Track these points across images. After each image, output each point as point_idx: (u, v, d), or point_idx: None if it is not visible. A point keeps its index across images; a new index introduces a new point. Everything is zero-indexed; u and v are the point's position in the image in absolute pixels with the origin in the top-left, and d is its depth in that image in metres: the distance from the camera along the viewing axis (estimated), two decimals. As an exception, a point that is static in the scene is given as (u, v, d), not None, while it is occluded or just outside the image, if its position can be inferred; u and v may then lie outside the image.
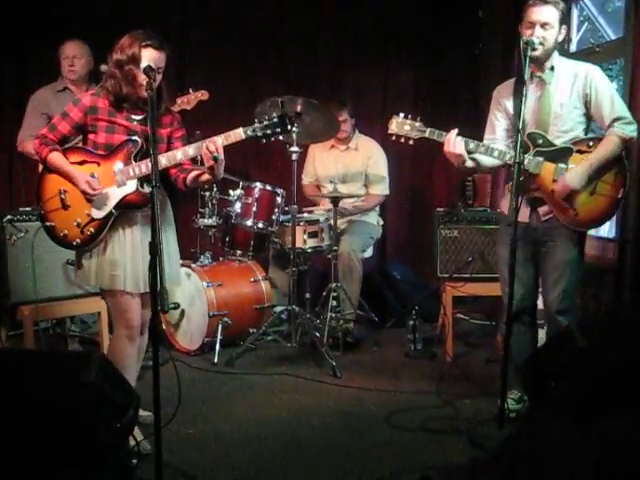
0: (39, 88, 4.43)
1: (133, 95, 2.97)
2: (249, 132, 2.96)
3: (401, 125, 3.34)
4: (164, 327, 4.56)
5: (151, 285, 2.44)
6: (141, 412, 3.11)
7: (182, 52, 5.46)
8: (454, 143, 3.25)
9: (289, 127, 3.01)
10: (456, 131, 3.27)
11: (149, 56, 2.91)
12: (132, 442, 2.70)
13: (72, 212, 3.01)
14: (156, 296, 2.43)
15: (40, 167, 3.12)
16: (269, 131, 2.96)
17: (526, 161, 3.23)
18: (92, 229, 2.98)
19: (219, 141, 2.93)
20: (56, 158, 2.99)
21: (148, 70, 2.77)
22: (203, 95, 4.52)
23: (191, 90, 4.50)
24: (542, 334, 3.80)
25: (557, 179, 3.28)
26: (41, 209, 3.08)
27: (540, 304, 3.60)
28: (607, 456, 2.28)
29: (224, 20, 5.51)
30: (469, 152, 3.30)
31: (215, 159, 2.91)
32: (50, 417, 2.05)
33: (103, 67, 4.27)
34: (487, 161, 3.43)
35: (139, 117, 3.03)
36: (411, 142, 3.36)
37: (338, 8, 5.70)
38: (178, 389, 2.85)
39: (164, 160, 2.97)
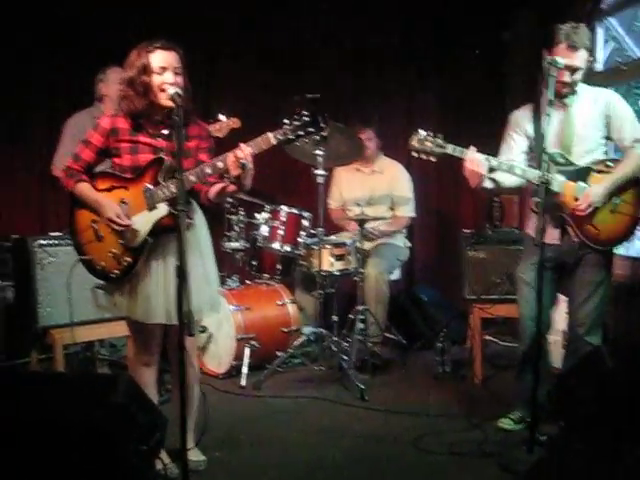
0: (74, 112, 4.45)
1: (148, 109, 2.83)
2: (279, 136, 2.73)
3: (422, 142, 3.29)
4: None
5: (177, 308, 2.43)
6: (193, 458, 3.07)
7: (208, 81, 5.53)
8: (475, 161, 3.22)
9: (322, 125, 2.76)
10: (474, 149, 3.24)
11: (159, 58, 2.78)
12: (160, 465, 2.72)
13: (106, 243, 2.88)
14: (182, 320, 2.42)
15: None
16: (301, 132, 2.71)
17: (548, 179, 3.21)
18: (129, 259, 2.84)
19: (248, 149, 2.72)
20: (82, 189, 2.89)
21: (175, 97, 2.67)
22: (235, 123, 4.47)
23: (223, 117, 4.47)
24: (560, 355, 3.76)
25: (579, 197, 3.27)
26: (76, 242, 2.97)
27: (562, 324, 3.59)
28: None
29: (249, 49, 5.58)
30: (490, 170, 3.28)
31: (243, 167, 2.71)
32: (78, 438, 2.07)
33: None
34: (507, 182, 3.42)
35: (163, 132, 2.88)
36: (433, 159, 3.31)
37: (359, 30, 5.74)
38: (203, 412, 2.86)
39: (193, 178, 2.78)
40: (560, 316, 3.98)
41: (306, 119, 2.71)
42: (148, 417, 2.26)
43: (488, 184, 3.36)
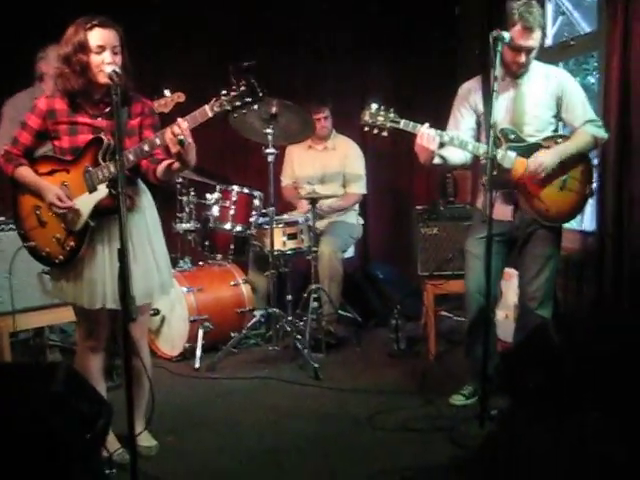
0: (14, 94, 4.34)
1: (86, 87, 2.74)
2: (216, 108, 2.64)
3: (375, 115, 3.24)
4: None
5: (120, 293, 2.37)
6: (144, 443, 3.07)
7: (157, 55, 5.42)
8: (428, 137, 3.19)
9: (260, 93, 2.65)
10: (427, 125, 3.22)
11: (98, 36, 2.68)
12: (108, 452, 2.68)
13: (49, 228, 2.82)
14: (125, 305, 2.37)
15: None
16: (238, 102, 2.63)
17: (499, 156, 3.23)
18: (72, 242, 2.79)
19: (184, 124, 2.63)
20: (22, 173, 2.82)
21: (113, 75, 2.55)
22: (180, 97, 4.42)
23: (168, 92, 4.41)
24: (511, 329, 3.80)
25: (527, 165, 3.28)
26: (20, 229, 2.91)
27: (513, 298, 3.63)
28: (583, 451, 2.27)
29: (199, 21, 5.47)
30: (440, 146, 3.27)
31: (181, 143, 2.62)
32: (14, 430, 2.01)
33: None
34: (455, 158, 3.42)
35: (104, 112, 2.78)
36: (385, 133, 3.26)
37: (314, 8, 5.67)
38: (152, 396, 2.82)
39: (131, 156, 2.70)
40: (512, 290, 4.03)
41: (243, 89, 2.63)
42: (90, 404, 2.21)
43: (437, 160, 3.35)
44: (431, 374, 4.03)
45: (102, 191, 2.76)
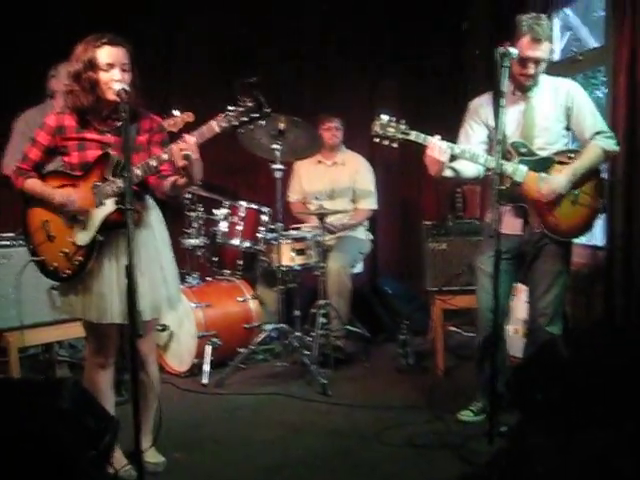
0: (25, 110, 4.37)
1: (95, 105, 2.78)
2: (223, 123, 2.70)
3: (385, 127, 3.22)
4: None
5: (128, 309, 2.38)
6: (151, 459, 3.06)
7: (167, 72, 5.46)
8: (439, 148, 3.18)
9: (266, 109, 2.70)
10: (438, 137, 3.21)
11: (107, 54, 2.71)
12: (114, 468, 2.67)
13: (58, 243, 2.85)
14: (133, 321, 2.38)
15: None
16: (245, 118, 2.68)
17: (510, 169, 3.23)
18: (80, 257, 2.80)
19: (191, 139, 2.70)
20: (31, 185, 2.86)
21: (122, 93, 2.61)
22: (189, 117, 4.43)
23: (177, 112, 4.44)
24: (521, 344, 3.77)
25: (540, 187, 3.27)
26: (29, 244, 2.94)
27: (522, 313, 3.60)
28: (593, 467, 2.25)
29: (207, 39, 5.52)
30: (452, 158, 3.26)
31: (187, 157, 2.68)
32: (21, 446, 2.01)
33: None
34: (466, 171, 3.41)
35: (112, 127, 2.82)
36: (395, 145, 3.25)
37: (322, 25, 5.71)
38: (159, 412, 2.82)
39: (139, 172, 2.73)
40: (520, 305, 4.01)
41: (250, 104, 2.68)
42: (97, 421, 2.21)
43: (448, 173, 3.33)
44: (439, 389, 4.01)
45: (110, 206, 2.79)
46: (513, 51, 3.17)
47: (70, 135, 2.83)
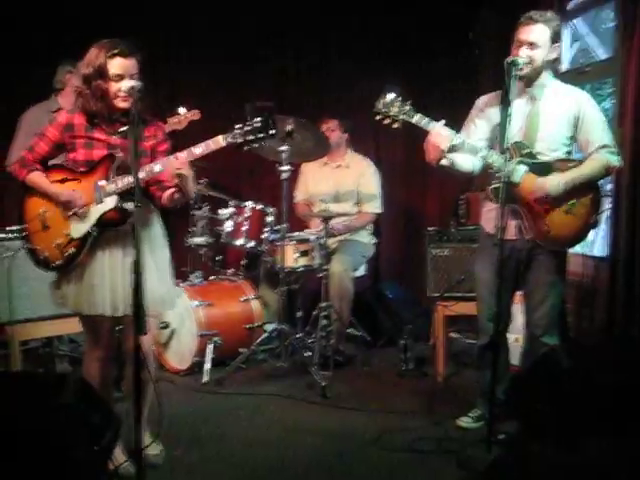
0: (30, 107, 4.39)
1: (104, 110, 2.87)
2: (229, 139, 2.81)
3: (389, 105, 3.18)
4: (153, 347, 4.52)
5: (133, 307, 2.40)
6: (151, 451, 3.08)
7: (173, 73, 5.48)
8: (440, 135, 3.16)
9: (273, 131, 2.83)
10: (443, 122, 3.19)
11: (117, 65, 2.80)
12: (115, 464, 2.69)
13: (52, 233, 2.93)
14: (137, 318, 2.39)
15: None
16: (251, 137, 2.81)
17: (510, 167, 3.18)
18: (72, 249, 2.89)
19: (182, 156, 2.82)
20: (34, 178, 2.93)
21: (132, 92, 2.68)
22: (194, 115, 4.48)
23: (183, 110, 4.47)
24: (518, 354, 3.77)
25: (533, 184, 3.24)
26: (24, 231, 3.01)
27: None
28: (592, 478, 2.26)
29: (213, 40, 5.52)
30: (452, 148, 3.22)
31: (179, 176, 2.80)
32: (24, 441, 2.02)
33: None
34: (463, 164, 3.36)
35: (119, 130, 2.90)
36: (396, 125, 3.21)
37: (327, 28, 5.72)
38: (160, 410, 2.83)
39: (142, 174, 2.79)
40: (521, 313, 4.00)
41: (257, 125, 2.80)
42: (99, 416, 2.22)
43: (445, 162, 3.27)
44: (439, 395, 4.01)
45: (108, 203, 2.88)
46: (520, 60, 3.18)
47: (79, 133, 2.90)
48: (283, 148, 4.34)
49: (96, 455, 2.20)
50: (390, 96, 3.20)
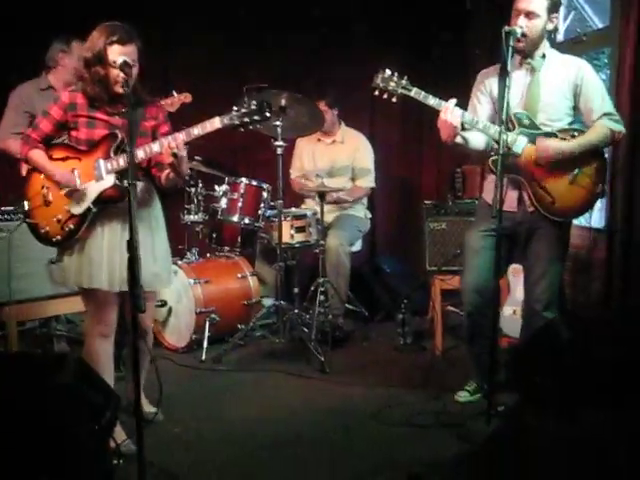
0: (19, 84, 4.34)
1: (104, 95, 2.93)
2: (225, 120, 2.90)
3: (387, 80, 3.23)
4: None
5: (129, 285, 2.40)
6: (149, 409, 3.21)
7: (165, 51, 5.41)
8: (452, 112, 3.16)
9: (268, 114, 2.93)
10: (454, 101, 3.19)
11: (117, 52, 2.84)
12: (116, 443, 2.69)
13: (53, 208, 2.99)
14: (134, 296, 2.39)
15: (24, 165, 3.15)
16: (247, 119, 2.90)
17: (509, 139, 3.18)
18: (71, 225, 2.95)
19: (180, 137, 2.90)
20: (35, 155, 2.99)
21: (124, 66, 2.73)
22: (186, 98, 4.48)
23: (175, 93, 4.46)
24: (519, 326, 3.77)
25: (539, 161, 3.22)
26: (25, 206, 3.06)
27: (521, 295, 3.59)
28: (591, 450, 2.26)
29: (207, 18, 5.45)
30: (462, 127, 3.23)
31: (174, 155, 2.87)
32: (23, 421, 2.01)
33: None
34: (475, 142, 3.37)
35: (120, 110, 2.96)
36: (394, 100, 3.25)
37: (321, 8, 5.64)
38: (159, 388, 2.83)
39: (141, 153, 2.91)
40: (520, 286, 4.01)
41: (253, 108, 2.89)
42: (99, 396, 2.21)
43: (459, 139, 3.29)
44: (437, 369, 4.01)
45: (108, 181, 2.95)
46: (518, 30, 3.15)
47: (81, 112, 2.96)
48: (278, 123, 4.30)
49: (96, 434, 2.19)
50: (387, 71, 3.25)
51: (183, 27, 5.50)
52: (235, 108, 2.90)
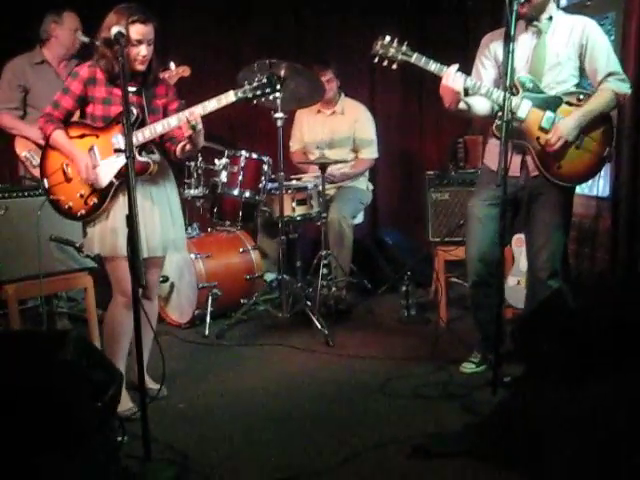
0: (12, 58, 4.29)
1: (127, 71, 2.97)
2: (239, 94, 3.03)
3: (386, 47, 3.19)
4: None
5: (130, 259, 2.43)
6: (151, 385, 3.24)
7: (164, 23, 5.31)
8: (454, 78, 3.11)
9: (278, 87, 3.13)
10: (456, 66, 3.13)
11: (137, 31, 2.96)
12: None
13: (75, 184, 3.07)
14: (136, 270, 2.39)
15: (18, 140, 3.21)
16: (259, 92, 3.05)
17: (513, 103, 3.12)
18: (95, 199, 3.04)
19: (197, 110, 2.99)
20: (58, 137, 3.04)
21: (118, 36, 2.71)
22: (184, 71, 4.46)
23: (173, 66, 4.42)
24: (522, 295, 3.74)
25: (545, 127, 3.17)
26: (45, 184, 3.13)
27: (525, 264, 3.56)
28: (596, 418, 2.25)
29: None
30: (466, 92, 3.18)
31: (193, 128, 2.98)
32: (26, 398, 1.99)
33: (82, 37, 4.17)
34: (479, 107, 3.31)
35: (133, 89, 3.06)
36: (394, 66, 3.22)
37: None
38: (162, 364, 2.82)
39: (159, 127, 3.03)
40: (524, 256, 3.97)
41: (264, 81, 3.05)
42: (102, 372, 2.20)
43: (462, 105, 3.24)
44: (442, 341, 3.99)
45: None
46: (522, -7, 3.08)
47: (100, 87, 3.06)
48: (277, 94, 4.24)
49: (100, 410, 2.17)
50: (387, 38, 3.21)
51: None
52: (247, 82, 3.06)
